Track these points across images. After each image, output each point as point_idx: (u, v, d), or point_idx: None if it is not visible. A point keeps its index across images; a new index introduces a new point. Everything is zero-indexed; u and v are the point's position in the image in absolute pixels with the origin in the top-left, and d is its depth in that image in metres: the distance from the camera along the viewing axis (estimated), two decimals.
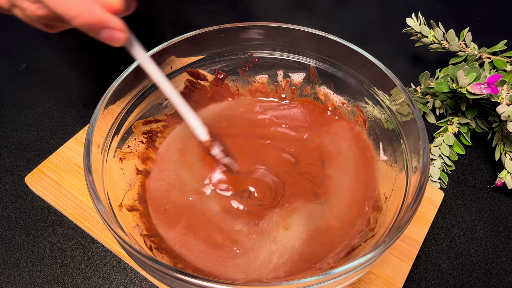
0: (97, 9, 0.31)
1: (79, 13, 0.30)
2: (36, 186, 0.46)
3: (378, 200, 0.41)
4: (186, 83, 0.47)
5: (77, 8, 0.30)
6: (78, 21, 0.30)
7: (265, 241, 0.39)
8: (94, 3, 0.31)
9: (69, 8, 0.30)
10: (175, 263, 0.37)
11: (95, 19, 0.31)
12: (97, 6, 0.31)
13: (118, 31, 0.32)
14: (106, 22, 0.31)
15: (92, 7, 0.31)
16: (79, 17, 0.30)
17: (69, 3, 0.30)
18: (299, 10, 0.75)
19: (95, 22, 0.31)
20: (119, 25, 0.32)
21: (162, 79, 0.37)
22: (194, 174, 0.44)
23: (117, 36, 0.33)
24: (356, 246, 0.38)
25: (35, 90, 0.59)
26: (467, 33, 0.56)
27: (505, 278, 0.44)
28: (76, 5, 0.30)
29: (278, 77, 0.49)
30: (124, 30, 0.33)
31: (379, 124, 0.43)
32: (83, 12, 0.30)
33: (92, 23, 0.31)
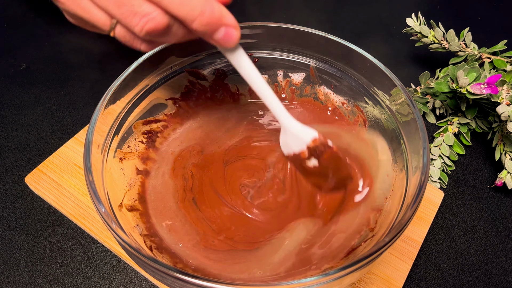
0: (215, 4, 0.29)
1: (201, 12, 0.29)
2: (36, 186, 0.46)
3: (378, 200, 0.41)
4: (186, 83, 0.47)
5: (199, 7, 0.28)
6: (200, 20, 0.29)
7: (265, 241, 0.39)
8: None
9: (191, 8, 0.28)
10: (175, 263, 0.37)
11: (215, 16, 0.29)
12: (214, 1, 0.29)
13: (234, 29, 0.31)
14: (224, 18, 0.30)
15: (211, 2, 0.29)
16: (201, 16, 0.29)
17: (190, 2, 0.28)
18: (299, 10, 0.75)
19: (215, 19, 0.29)
20: (235, 22, 0.31)
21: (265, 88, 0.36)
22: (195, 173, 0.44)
23: (233, 34, 0.31)
24: (356, 246, 0.38)
25: (35, 90, 0.59)
26: (467, 33, 0.56)
27: (505, 278, 0.44)
28: (197, 4, 0.28)
29: (278, 77, 0.49)
30: (238, 27, 0.31)
31: (379, 124, 0.43)
32: (204, 9, 0.29)
33: (213, 21, 0.29)
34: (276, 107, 0.38)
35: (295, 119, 0.39)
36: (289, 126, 0.39)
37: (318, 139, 0.39)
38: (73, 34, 0.66)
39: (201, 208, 0.41)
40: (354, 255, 0.36)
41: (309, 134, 0.39)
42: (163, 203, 0.41)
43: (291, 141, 0.40)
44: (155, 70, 0.43)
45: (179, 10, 0.28)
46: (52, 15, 0.68)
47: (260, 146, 0.47)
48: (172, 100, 0.47)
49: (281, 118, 0.39)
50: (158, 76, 0.44)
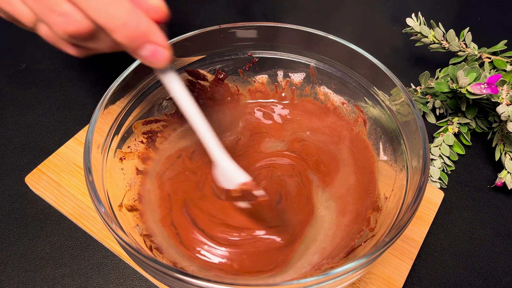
0: (143, 18, 0.27)
1: (124, 22, 0.26)
2: (36, 186, 0.46)
3: (378, 200, 0.41)
4: (186, 83, 0.47)
5: (122, 16, 0.26)
6: (122, 32, 0.26)
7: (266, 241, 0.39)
8: (139, 11, 0.27)
9: (114, 16, 0.26)
10: (175, 263, 0.37)
11: (140, 29, 0.27)
12: (143, 15, 0.27)
13: (162, 48, 0.28)
14: (151, 35, 0.27)
15: (138, 15, 0.26)
16: (123, 27, 0.26)
17: (114, 10, 0.26)
18: (299, 10, 0.75)
19: (140, 33, 0.27)
20: (164, 41, 0.28)
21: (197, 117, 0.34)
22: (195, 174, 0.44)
23: (161, 54, 0.28)
24: (356, 246, 0.38)
25: (35, 90, 0.59)
26: (467, 33, 0.56)
27: (505, 278, 0.44)
28: (121, 13, 0.26)
29: (278, 77, 0.49)
30: (168, 47, 0.29)
31: (379, 124, 0.43)
32: (128, 21, 0.26)
33: (137, 35, 0.27)
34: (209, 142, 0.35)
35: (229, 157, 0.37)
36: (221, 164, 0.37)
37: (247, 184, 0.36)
38: None
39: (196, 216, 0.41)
40: (354, 255, 0.36)
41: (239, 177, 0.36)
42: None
43: (223, 178, 0.38)
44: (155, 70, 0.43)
45: (99, 16, 0.26)
46: None
47: (258, 145, 0.47)
48: (172, 100, 0.47)
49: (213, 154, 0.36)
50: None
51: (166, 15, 0.28)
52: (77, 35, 0.27)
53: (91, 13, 0.26)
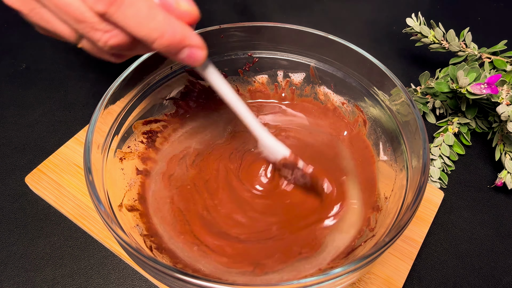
0: (177, 25, 0.28)
1: (161, 34, 0.28)
2: (36, 186, 0.46)
3: (378, 200, 0.41)
4: (186, 83, 0.47)
5: (160, 28, 0.28)
6: (160, 42, 0.28)
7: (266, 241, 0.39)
8: (173, 19, 0.28)
9: (152, 30, 0.28)
10: (175, 263, 0.37)
11: (176, 37, 0.28)
12: (177, 22, 0.29)
13: (198, 49, 0.30)
14: (187, 39, 0.29)
15: (172, 24, 0.28)
16: (161, 38, 0.28)
17: (150, 24, 0.27)
18: (299, 10, 0.75)
19: (177, 41, 0.29)
20: (199, 42, 0.30)
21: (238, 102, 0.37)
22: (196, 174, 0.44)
23: (197, 54, 0.30)
24: (356, 246, 0.38)
25: (35, 90, 0.59)
26: (467, 33, 0.56)
27: (505, 278, 0.44)
28: (157, 25, 0.28)
29: (278, 77, 0.49)
30: (204, 47, 0.31)
31: (379, 124, 0.43)
32: (165, 32, 0.28)
33: (174, 42, 0.29)
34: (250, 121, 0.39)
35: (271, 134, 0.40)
36: (264, 141, 0.40)
37: (288, 158, 0.40)
38: None
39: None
40: (354, 255, 0.36)
41: (281, 152, 0.40)
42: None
43: (267, 152, 0.42)
44: (155, 70, 0.43)
45: (137, 31, 0.28)
46: None
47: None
48: (172, 100, 0.47)
49: (256, 132, 0.40)
50: (158, 76, 0.44)
51: (197, 17, 0.30)
52: (118, 47, 0.29)
53: (131, 29, 0.28)
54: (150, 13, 0.27)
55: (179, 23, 0.29)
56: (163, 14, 0.28)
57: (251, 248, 0.38)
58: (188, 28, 0.29)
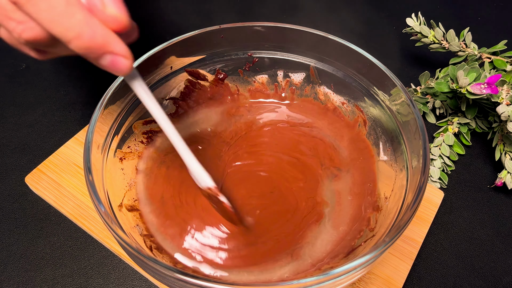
0: (98, 28, 0.26)
1: (78, 34, 0.25)
2: (36, 186, 0.46)
3: (378, 200, 0.41)
4: (186, 83, 0.47)
5: (76, 28, 0.25)
6: (77, 43, 0.26)
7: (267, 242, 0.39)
8: (95, 21, 0.26)
9: (67, 28, 0.25)
10: (175, 263, 0.37)
11: (96, 41, 0.26)
12: (99, 25, 0.26)
13: (122, 58, 0.28)
14: (109, 45, 0.27)
15: (93, 26, 0.26)
16: (78, 38, 0.26)
17: (66, 21, 0.25)
18: (299, 10, 0.75)
19: (97, 45, 0.26)
20: (124, 50, 0.27)
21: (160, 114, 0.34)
22: None
23: (121, 63, 0.28)
24: (356, 246, 0.38)
25: (35, 90, 0.59)
26: (467, 33, 0.56)
27: (505, 278, 0.44)
28: (74, 24, 0.25)
29: (278, 77, 0.49)
30: (129, 56, 0.28)
31: (379, 124, 0.43)
32: (82, 32, 0.25)
33: (93, 46, 0.26)
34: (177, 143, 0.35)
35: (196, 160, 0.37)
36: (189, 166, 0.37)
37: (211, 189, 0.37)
38: None
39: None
40: (354, 255, 0.36)
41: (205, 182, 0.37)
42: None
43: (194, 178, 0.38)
44: (155, 70, 0.43)
45: (52, 28, 0.25)
46: None
47: (259, 146, 0.47)
48: (172, 100, 0.47)
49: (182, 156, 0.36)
50: (158, 76, 0.44)
51: (125, 25, 0.28)
52: (35, 41, 0.27)
53: (44, 24, 0.26)
54: (67, 10, 0.25)
55: (101, 26, 0.26)
56: (84, 13, 0.26)
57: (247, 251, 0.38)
58: (111, 33, 0.27)
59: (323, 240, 0.39)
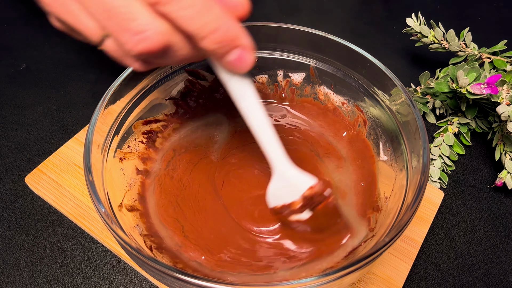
0: (232, 21, 0.25)
1: (215, 28, 0.25)
2: (36, 186, 0.46)
3: (378, 200, 0.41)
4: (186, 83, 0.47)
5: (214, 23, 0.24)
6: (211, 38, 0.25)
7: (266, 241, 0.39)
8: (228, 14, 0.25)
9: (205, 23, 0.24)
10: (175, 263, 0.37)
11: (230, 35, 0.25)
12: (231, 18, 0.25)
13: (249, 52, 0.27)
14: (240, 38, 0.26)
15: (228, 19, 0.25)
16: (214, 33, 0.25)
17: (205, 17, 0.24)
18: (299, 10, 0.75)
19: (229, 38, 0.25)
20: (251, 44, 0.27)
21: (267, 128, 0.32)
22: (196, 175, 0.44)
23: (247, 58, 0.27)
24: (356, 246, 0.38)
25: (35, 90, 0.59)
26: (467, 33, 0.56)
27: (505, 278, 0.44)
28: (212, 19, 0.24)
29: (278, 77, 0.49)
30: (253, 51, 0.27)
31: (379, 124, 0.43)
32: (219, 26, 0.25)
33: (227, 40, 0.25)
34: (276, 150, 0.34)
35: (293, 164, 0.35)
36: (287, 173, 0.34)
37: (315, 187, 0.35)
38: None
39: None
40: (354, 255, 0.36)
41: (307, 182, 0.35)
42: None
43: (284, 190, 0.36)
44: (155, 70, 0.43)
45: (190, 24, 0.25)
46: None
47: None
48: (172, 100, 0.47)
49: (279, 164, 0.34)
50: (158, 76, 0.44)
51: (247, 12, 0.27)
52: (150, 52, 0.26)
53: (180, 22, 0.25)
54: (205, 5, 0.24)
55: (234, 20, 0.25)
56: (219, 6, 0.25)
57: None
58: (241, 26, 0.26)
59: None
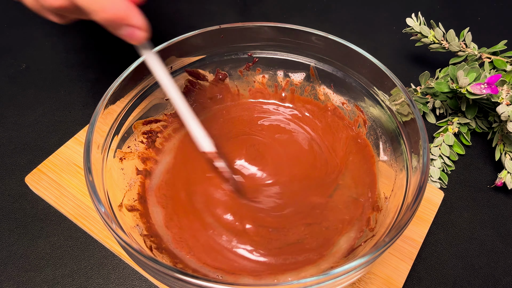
0: (121, 2, 0.29)
1: (103, 7, 0.29)
2: (36, 186, 0.46)
3: (378, 200, 0.41)
4: (186, 83, 0.47)
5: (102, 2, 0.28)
6: (100, 15, 0.29)
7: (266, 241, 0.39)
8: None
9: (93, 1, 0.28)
10: (175, 263, 0.37)
11: (118, 14, 0.29)
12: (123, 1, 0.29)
13: (139, 30, 0.31)
14: (129, 18, 0.30)
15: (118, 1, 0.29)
16: (102, 11, 0.29)
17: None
18: (299, 10, 0.75)
19: (117, 17, 0.29)
20: (141, 23, 0.31)
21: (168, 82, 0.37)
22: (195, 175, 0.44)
23: (137, 35, 0.31)
24: (356, 246, 0.38)
25: (35, 90, 0.59)
26: (467, 33, 0.56)
27: (505, 278, 0.44)
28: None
29: (278, 77, 0.49)
30: (145, 29, 0.31)
31: (379, 124, 0.43)
32: (107, 6, 0.29)
33: (115, 18, 0.29)
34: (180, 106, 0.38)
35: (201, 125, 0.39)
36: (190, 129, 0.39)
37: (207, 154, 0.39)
38: (73, 34, 0.66)
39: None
40: (354, 255, 0.36)
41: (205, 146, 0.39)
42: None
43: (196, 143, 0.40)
44: None
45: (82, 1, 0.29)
46: None
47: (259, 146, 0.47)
48: None
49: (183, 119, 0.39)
50: None
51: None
52: (61, 8, 0.30)
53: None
54: None
55: (124, 1, 0.29)
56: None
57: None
58: (132, 7, 0.30)
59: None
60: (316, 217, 0.40)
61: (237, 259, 0.38)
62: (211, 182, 0.43)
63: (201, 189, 0.42)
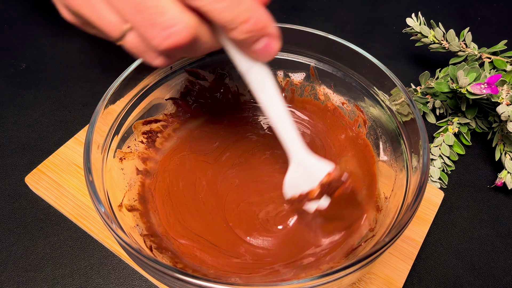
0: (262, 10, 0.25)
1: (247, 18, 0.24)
2: (36, 186, 0.46)
3: (378, 200, 0.41)
4: (186, 83, 0.47)
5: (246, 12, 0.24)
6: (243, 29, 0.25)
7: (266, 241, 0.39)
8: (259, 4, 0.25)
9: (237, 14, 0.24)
10: (175, 263, 0.37)
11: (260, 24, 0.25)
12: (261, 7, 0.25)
13: (275, 40, 0.27)
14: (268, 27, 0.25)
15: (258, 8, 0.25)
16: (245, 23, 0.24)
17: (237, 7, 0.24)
18: (299, 10, 0.75)
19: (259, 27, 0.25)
20: (277, 32, 0.27)
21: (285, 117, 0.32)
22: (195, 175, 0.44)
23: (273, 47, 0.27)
24: (356, 246, 0.38)
25: (35, 90, 0.59)
26: (467, 33, 0.56)
27: (505, 278, 0.44)
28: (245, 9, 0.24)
29: (278, 77, 0.49)
30: (279, 38, 0.27)
31: (379, 124, 0.43)
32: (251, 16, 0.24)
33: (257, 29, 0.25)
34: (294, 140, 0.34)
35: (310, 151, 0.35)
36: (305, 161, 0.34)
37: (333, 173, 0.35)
38: (73, 34, 0.66)
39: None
40: (354, 255, 0.36)
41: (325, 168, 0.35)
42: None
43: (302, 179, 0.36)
44: (155, 70, 0.43)
45: (222, 16, 0.24)
46: (52, 15, 0.68)
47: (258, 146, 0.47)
48: (172, 100, 0.47)
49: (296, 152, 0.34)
50: (158, 76, 0.44)
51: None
52: (178, 47, 0.25)
53: (213, 14, 0.24)
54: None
55: (263, 9, 0.25)
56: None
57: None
58: (270, 15, 0.26)
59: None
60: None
61: (237, 259, 0.38)
62: (212, 182, 0.43)
63: (202, 189, 0.42)
